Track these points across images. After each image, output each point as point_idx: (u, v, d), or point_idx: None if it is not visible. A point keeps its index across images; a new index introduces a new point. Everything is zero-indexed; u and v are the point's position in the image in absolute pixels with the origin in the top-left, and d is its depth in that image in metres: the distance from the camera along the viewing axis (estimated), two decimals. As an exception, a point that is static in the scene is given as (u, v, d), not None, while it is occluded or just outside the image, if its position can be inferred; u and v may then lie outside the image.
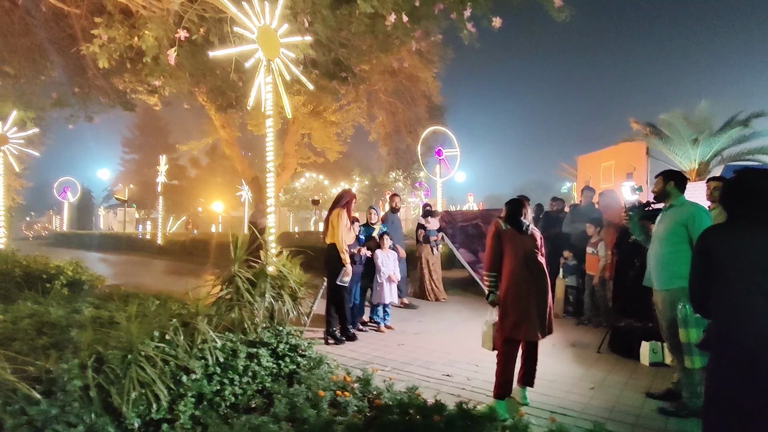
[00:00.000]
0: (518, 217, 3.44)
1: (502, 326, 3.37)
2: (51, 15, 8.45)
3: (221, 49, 4.69)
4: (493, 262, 3.44)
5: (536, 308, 3.30)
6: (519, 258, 3.33)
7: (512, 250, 3.36)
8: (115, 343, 2.88)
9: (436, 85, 20.43)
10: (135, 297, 4.72)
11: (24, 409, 2.25)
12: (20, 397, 2.29)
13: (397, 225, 7.50)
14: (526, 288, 3.29)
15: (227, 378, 3.30)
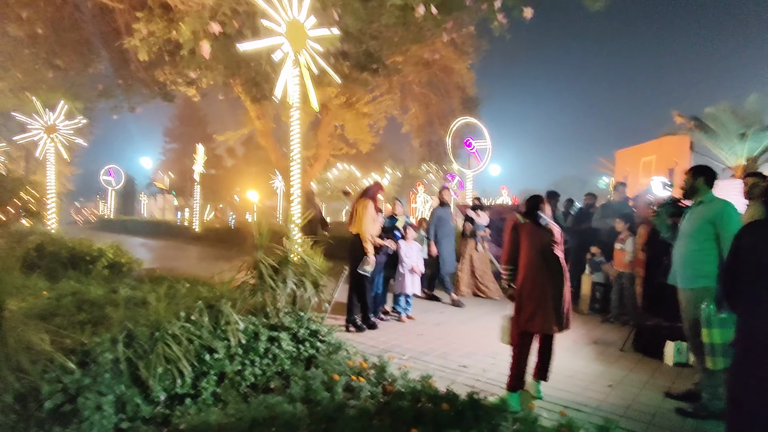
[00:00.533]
0: (536, 212, 3.44)
1: (518, 318, 3.38)
2: (97, 10, 8.89)
3: (251, 42, 4.81)
4: (510, 254, 3.45)
5: (552, 301, 3.29)
6: (535, 251, 3.33)
7: (528, 243, 3.36)
8: (144, 321, 3.07)
9: (470, 77, 20.16)
10: (166, 280, 4.98)
11: (59, 377, 2.44)
12: (56, 366, 2.49)
13: (446, 219, 7.19)
14: (541, 280, 3.29)
15: (248, 359, 3.46)
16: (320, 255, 4.37)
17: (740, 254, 2.27)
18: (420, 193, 33.51)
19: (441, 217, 7.12)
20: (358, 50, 8.35)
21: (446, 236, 7.10)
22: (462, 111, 21.19)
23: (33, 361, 2.41)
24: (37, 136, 10.31)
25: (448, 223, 7.16)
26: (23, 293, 4.57)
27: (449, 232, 7.14)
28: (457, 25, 9.12)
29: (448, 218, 7.24)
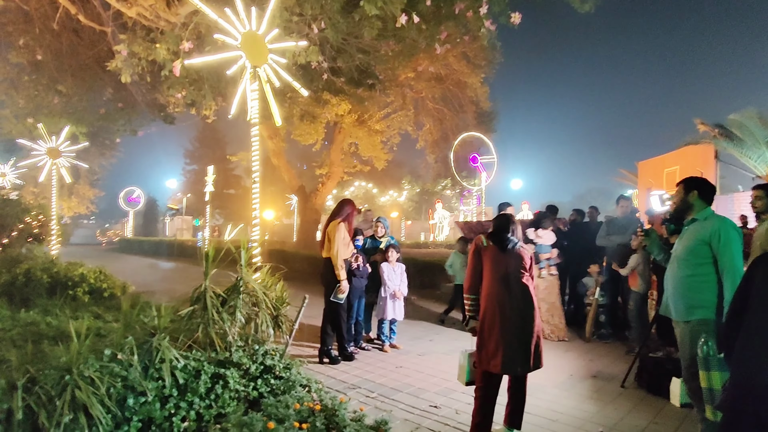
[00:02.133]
0: (503, 234, 3.02)
1: (479, 357, 2.94)
2: (94, 35, 8.96)
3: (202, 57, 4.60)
4: (472, 282, 3.03)
5: (517, 337, 2.85)
6: (498, 279, 2.90)
7: (492, 269, 2.93)
8: (56, 361, 2.77)
9: (484, 91, 19.88)
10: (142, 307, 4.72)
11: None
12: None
13: None
14: (504, 313, 2.85)
15: (185, 401, 3.11)
16: (279, 281, 4.02)
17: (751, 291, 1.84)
18: (438, 209, 33.04)
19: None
20: (350, 65, 8.12)
21: None
22: (476, 125, 20.84)
23: None
24: (41, 161, 10.42)
25: None
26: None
27: None
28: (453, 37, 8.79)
29: None
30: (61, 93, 9.73)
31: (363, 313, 5.51)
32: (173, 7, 5.59)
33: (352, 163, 22.93)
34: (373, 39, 6.96)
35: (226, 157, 32.28)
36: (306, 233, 20.25)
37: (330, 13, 6.06)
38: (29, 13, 8.17)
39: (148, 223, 37.46)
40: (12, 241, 9.69)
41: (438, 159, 22.58)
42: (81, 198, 27.19)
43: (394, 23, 6.03)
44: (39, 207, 11.19)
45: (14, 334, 3.95)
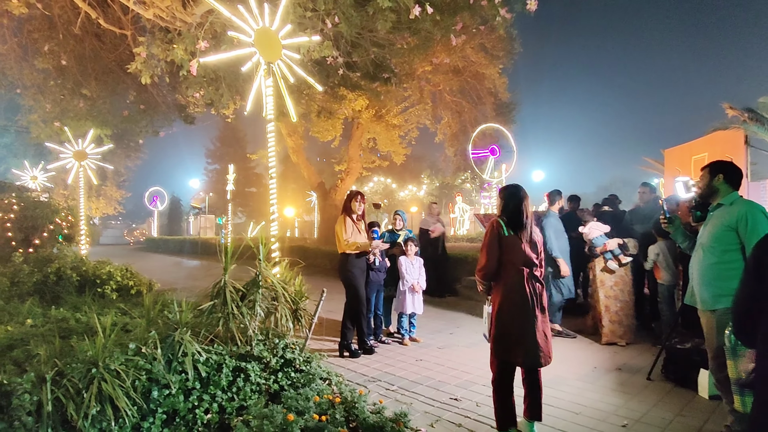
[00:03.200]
0: (521, 218, 2.93)
1: (496, 348, 2.90)
2: (114, 39, 9.16)
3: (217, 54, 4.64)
4: (490, 270, 2.93)
5: (537, 329, 2.80)
6: (520, 269, 2.84)
7: (512, 260, 2.87)
8: (82, 356, 2.85)
9: (502, 82, 19.58)
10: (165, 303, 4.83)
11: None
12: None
13: (562, 230, 5.76)
14: (526, 306, 2.80)
15: (207, 394, 3.17)
16: (298, 276, 4.06)
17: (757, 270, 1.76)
18: (459, 202, 32.84)
19: (557, 227, 5.67)
20: (365, 59, 8.10)
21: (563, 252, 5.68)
22: (495, 117, 20.56)
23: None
24: (69, 163, 10.73)
25: (563, 236, 5.75)
26: (10, 321, 4.56)
27: (566, 246, 5.74)
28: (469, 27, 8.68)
29: (563, 229, 5.79)
30: (85, 96, 9.98)
31: (382, 306, 5.52)
32: (188, 7, 5.66)
33: (371, 158, 22.94)
34: (387, 32, 6.91)
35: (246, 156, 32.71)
36: (326, 229, 20.37)
37: (343, 7, 6.05)
38: (53, 19, 8.39)
39: (172, 223, 38.33)
40: (43, 242, 10.01)
41: (457, 152, 22.42)
42: (108, 199, 27.93)
43: (408, 15, 5.98)
44: (68, 208, 11.52)
45: (45, 330, 4.09)
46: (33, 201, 10.52)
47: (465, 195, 34.85)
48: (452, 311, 7.26)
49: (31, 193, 12.12)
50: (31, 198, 10.85)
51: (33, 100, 9.92)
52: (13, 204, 9.81)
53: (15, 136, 19.53)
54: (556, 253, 5.46)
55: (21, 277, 6.75)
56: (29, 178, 17.70)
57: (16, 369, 2.97)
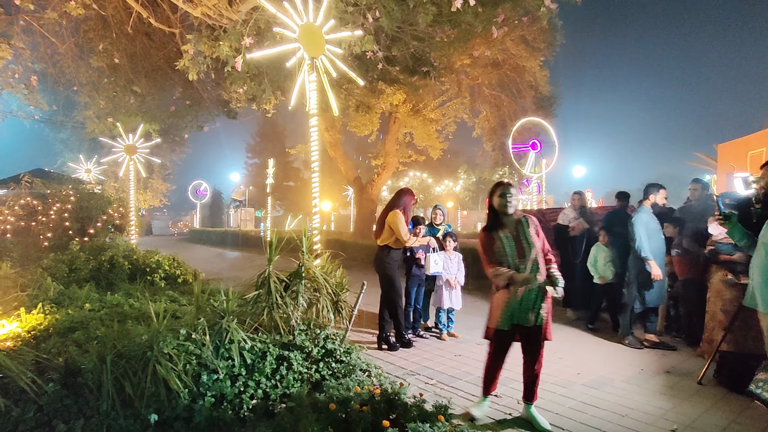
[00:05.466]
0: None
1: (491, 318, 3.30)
2: (163, 37, 9.51)
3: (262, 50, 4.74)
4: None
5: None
6: None
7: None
8: (139, 339, 3.01)
9: (543, 75, 19.08)
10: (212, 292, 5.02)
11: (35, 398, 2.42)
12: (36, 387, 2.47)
13: (656, 229, 5.12)
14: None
15: (252, 380, 3.28)
16: (339, 268, 4.12)
17: None
18: (495, 198, 32.30)
19: (649, 225, 5.08)
20: (405, 53, 8.08)
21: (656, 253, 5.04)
22: (536, 111, 20.08)
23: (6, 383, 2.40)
24: (120, 157, 11.27)
25: (657, 235, 5.13)
26: (70, 305, 4.85)
27: (659, 247, 5.09)
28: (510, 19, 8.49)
29: (658, 228, 5.18)
30: (136, 93, 10.42)
31: (422, 301, 5.52)
32: (234, 4, 5.81)
33: (407, 153, 22.91)
34: (427, 25, 6.87)
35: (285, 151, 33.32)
36: (363, 223, 20.51)
37: (384, 1, 6.04)
38: (107, 19, 8.79)
39: (214, 215, 39.66)
40: (97, 231, 10.57)
41: (495, 147, 22.07)
42: (155, 192, 29.13)
43: (450, 8, 5.91)
44: (119, 200, 12.12)
45: (102, 315, 4.33)
46: (88, 193, 11.12)
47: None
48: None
49: (86, 185, 12.81)
50: (86, 190, 11.47)
51: (88, 96, 10.44)
52: (70, 195, 10.40)
53: (71, 131, 20.64)
54: (645, 254, 4.89)
55: (78, 264, 7.17)
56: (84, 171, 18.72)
57: (78, 350, 3.17)
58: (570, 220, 6.66)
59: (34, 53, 9.55)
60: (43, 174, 13.55)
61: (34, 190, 10.86)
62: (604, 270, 5.72)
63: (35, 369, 2.61)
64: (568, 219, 6.70)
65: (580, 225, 6.47)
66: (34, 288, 5.24)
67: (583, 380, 4.00)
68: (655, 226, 5.10)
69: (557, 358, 4.63)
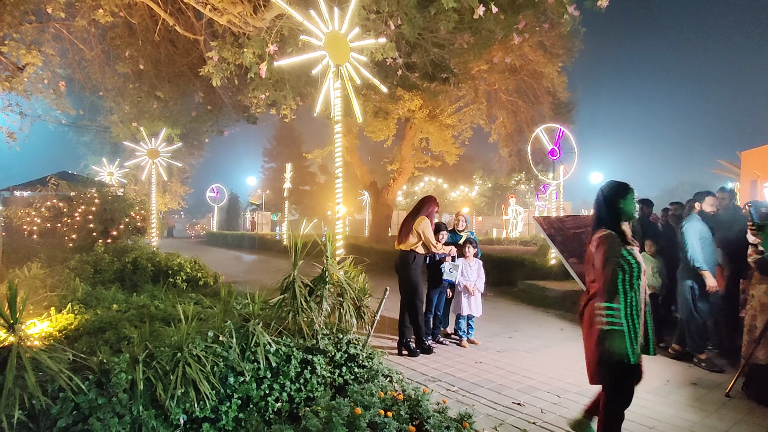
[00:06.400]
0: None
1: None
2: (187, 44, 9.71)
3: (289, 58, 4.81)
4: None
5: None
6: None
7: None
8: (169, 340, 3.07)
9: (561, 81, 18.98)
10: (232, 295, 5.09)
11: (72, 397, 2.48)
12: (74, 385, 2.54)
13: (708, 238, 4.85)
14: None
15: (277, 383, 3.32)
16: (361, 273, 4.15)
17: None
18: (512, 204, 32.15)
19: (702, 233, 4.82)
20: (424, 60, 8.12)
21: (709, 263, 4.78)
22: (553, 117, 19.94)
23: (44, 381, 2.47)
24: (143, 161, 11.50)
25: (710, 244, 4.85)
26: (98, 306, 4.96)
27: (712, 256, 4.86)
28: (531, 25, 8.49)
29: (710, 236, 4.88)
30: (159, 98, 10.65)
31: (442, 307, 5.52)
32: (259, 12, 5.92)
33: (423, 158, 22.93)
34: (448, 32, 6.90)
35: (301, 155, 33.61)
36: (378, 228, 20.55)
37: (406, 8, 6.09)
38: (133, 26, 9.01)
39: (230, 218, 40.12)
40: (120, 233, 10.79)
41: (512, 152, 21.96)
42: (173, 195, 29.59)
43: (471, 15, 5.94)
44: (140, 203, 12.36)
45: (130, 315, 4.42)
46: (111, 195, 11.37)
47: (519, 197, 34.03)
48: (509, 315, 7.13)
49: (109, 188, 13.10)
50: (109, 193, 11.73)
51: (114, 102, 10.70)
52: (94, 198, 10.64)
53: (94, 135, 21.15)
54: (699, 264, 4.64)
55: (102, 265, 7.33)
56: (106, 173, 19.14)
57: (109, 350, 3.24)
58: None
59: (62, 59, 9.84)
60: (69, 177, 13.89)
61: (60, 192, 11.15)
62: (652, 280, 5.53)
63: (70, 368, 2.68)
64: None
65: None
66: (62, 288, 5.37)
67: (607, 390, 3.95)
68: (707, 234, 4.85)
69: (580, 367, 4.55)
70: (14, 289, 2.49)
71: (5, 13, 7.45)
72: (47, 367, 2.45)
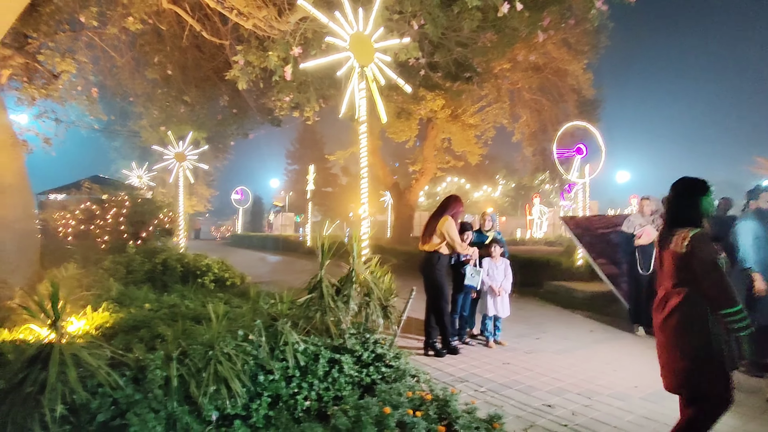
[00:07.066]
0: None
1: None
2: (214, 49, 9.90)
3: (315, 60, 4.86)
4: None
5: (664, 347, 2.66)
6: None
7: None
8: (201, 338, 3.13)
9: (586, 78, 18.61)
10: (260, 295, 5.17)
11: (110, 393, 2.56)
12: (113, 381, 2.61)
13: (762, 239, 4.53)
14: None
15: (306, 382, 3.35)
16: (387, 273, 4.15)
17: None
18: (536, 204, 31.72)
19: (757, 234, 4.55)
20: (447, 59, 8.09)
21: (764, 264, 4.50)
22: (578, 115, 19.58)
23: (84, 377, 2.55)
24: (170, 164, 11.78)
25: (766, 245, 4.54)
26: (131, 305, 5.10)
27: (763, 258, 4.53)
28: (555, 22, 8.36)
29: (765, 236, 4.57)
30: (186, 103, 10.90)
31: (468, 308, 5.48)
32: (284, 15, 6.00)
33: (446, 158, 22.80)
34: (471, 31, 6.85)
35: (323, 157, 33.84)
36: (400, 229, 20.53)
37: (429, 8, 6.08)
38: (162, 33, 9.24)
39: (254, 220, 40.76)
40: (149, 235, 11.07)
41: (536, 152, 21.64)
42: (199, 197, 30.23)
43: (495, 13, 5.88)
44: (168, 205, 12.65)
45: (161, 314, 4.53)
46: (140, 198, 11.68)
47: (543, 197, 33.51)
48: (536, 317, 7.03)
49: (139, 191, 13.46)
50: (139, 196, 12.05)
51: (143, 107, 10.99)
52: (125, 201, 10.95)
53: (124, 140, 21.79)
54: (749, 264, 4.41)
55: (134, 266, 7.53)
56: (135, 177, 19.68)
57: (144, 348, 3.32)
58: (635, 227, 6.05)
59: (95, 67, 10.16)
60: (101, 180, 14.34)
61: (93, 195, 11.50)
62: None
63: (108, 364, 2.76)
64: (635, 226, 6.08)
65: (648, 233, 5.87)
66: (97, 287, 5.54)
67: (641, 393, 3.86)
68: (763, 234, 4.56)
69: (611, 369, 4.48)
70: (56, 288, 2.58)
71: (41, 23, 7.73)
72: (87, 363, 2.53)
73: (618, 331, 6.06)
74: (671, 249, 2.58)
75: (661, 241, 2.71)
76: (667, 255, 2.64)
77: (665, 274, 2.66)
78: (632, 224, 6.13)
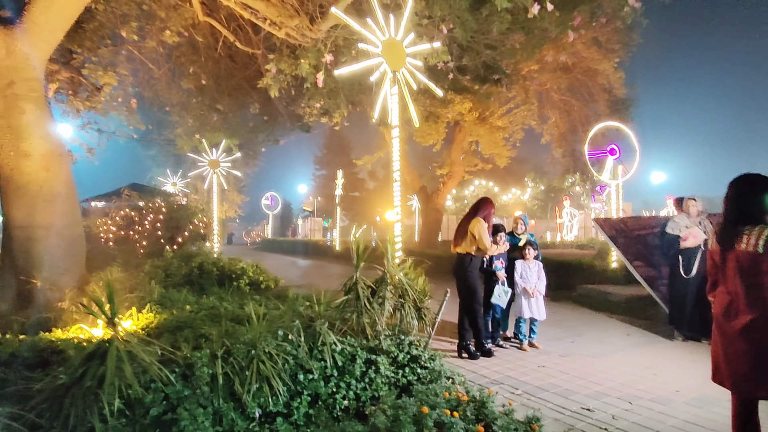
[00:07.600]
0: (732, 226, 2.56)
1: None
2: (246, 58, 10.19)
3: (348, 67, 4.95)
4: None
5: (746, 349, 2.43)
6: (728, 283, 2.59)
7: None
8: (243, 338, 3.24)
9: (618, 77, 18.18)
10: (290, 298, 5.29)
11: (162, 389, 2.68)
12: (163, 376, 2.74)
13: None
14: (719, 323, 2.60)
15: (343, 381, 3.42)
16: (421, 275, 4.18)
17: None
18: (567, 207, 31.13)
19: None
20: (476, 62, 8.09)
21: None
22: (610, 115, 19.13)
23: (137, 373, 2.68)
24: (204, 171, 12.14)
25: None
26: (172, 307, 5.30)
27: None
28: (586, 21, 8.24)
29: None
30: (219, 111, 11.24)
31: (500, 310, 5.45)
32: (316, 23, 6.14)
33: (473, 161, 22.64)
34: (500, 33, 6.85)
35: (350, 162, 34.16)
36: (428, 233, 20.48)
37: (458, 12, 6.11)
38: (197, 45, 9.58)
39: (284, 225, 41.51)
40: (185, 240, 11.43)
41: (566, 153, 21.24)
42: (231, 203, 30.95)
43: (525, 14, 5.87)
44: (202, 211, 13.03)
45: (202, 315, 4.69)
46: (176, 205, 12.08)
47: (574, 199, 32.85)
48: (570, 320, 6.92)
49: (174, 198, 13.91)
50: (175, 202, 12.46)
51: (178, 116, 11.40)
52: (162, 207, 11.35)
53: (159, 148, 22.55)
54: None
55: (172, 270, 7.80)
56: (170, 184, 20.33)
57: (189, 347, 3.46)
58: (681, 229, 5.80)
59: (134, 79, 10.60)
60: (139, 188, 14.88)
61: (131, 202, 11.97)
62: None
63: (158, 361, 2.90)
64: (680, 228, 5.83)
65: (695, 235, 5.66)
66: (140, 290, 5.77)
67: (683, 398, 3.76)
68: None
69: (651, 374, 4.38)
70: (112, 289, 2.73)
71: (86, 39, 8.14)
72: (141, 360, 2.66)
73: (656, 336, 5.90)
74: (742, 249, 2.46)
75: (722, 241, 2.59)
76: (732, 256, 2.52)
77: (730, 277, 2.54)
78: (678, 226, 5.87)
